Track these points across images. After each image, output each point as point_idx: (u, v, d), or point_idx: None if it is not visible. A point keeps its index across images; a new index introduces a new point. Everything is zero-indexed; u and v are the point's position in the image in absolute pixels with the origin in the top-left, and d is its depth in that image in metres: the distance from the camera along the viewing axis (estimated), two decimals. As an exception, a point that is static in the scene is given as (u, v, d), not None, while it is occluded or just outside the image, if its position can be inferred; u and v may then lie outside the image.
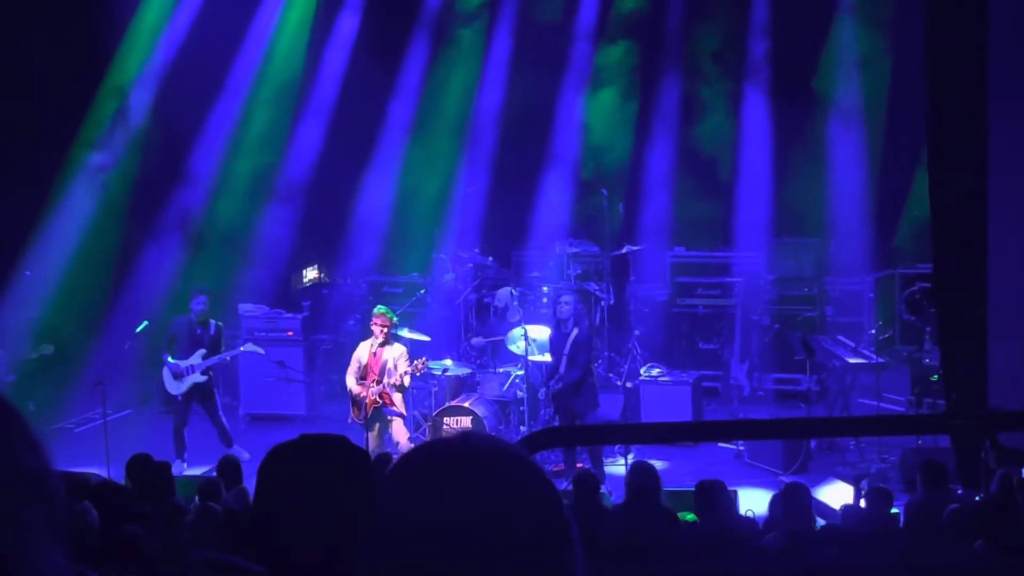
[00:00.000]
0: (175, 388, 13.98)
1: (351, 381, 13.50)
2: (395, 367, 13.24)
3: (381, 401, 13.30)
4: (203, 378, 13.97)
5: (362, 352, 13.51)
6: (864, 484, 10.96)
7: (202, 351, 13.99)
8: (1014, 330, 11.29)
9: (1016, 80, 11.10)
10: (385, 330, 13.33)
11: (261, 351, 14.61)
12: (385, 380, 13.24)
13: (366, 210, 18.68)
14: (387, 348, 13.36)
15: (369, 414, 13.31)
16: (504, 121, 18.90)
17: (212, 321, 14.24)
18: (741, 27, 18.37)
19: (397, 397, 13.35)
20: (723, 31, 18.44)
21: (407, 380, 13.30)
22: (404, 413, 13.51)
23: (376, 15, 18.78)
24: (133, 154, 17.77)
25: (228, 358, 14.53)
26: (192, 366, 13.90)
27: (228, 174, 18.26)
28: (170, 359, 14.00)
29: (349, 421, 13.64)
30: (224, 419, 14.26)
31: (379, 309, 13.56)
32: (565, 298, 13.76)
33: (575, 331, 13.48)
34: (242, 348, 14.37)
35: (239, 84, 18.32)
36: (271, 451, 2.81)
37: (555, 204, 18.48)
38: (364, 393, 13.29)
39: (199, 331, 14.07)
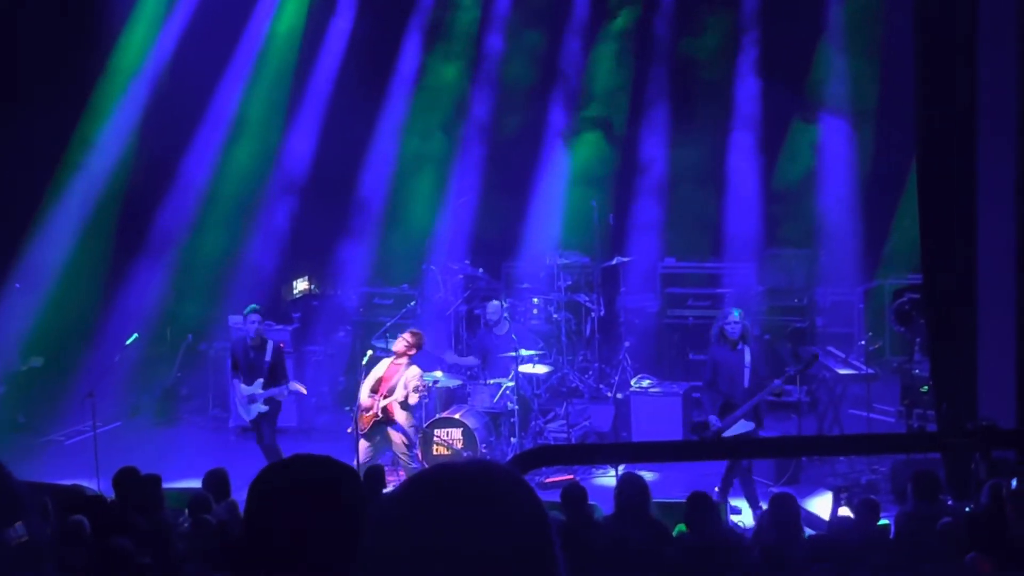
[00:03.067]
0: (245, 415, 13.72)
1: (364, 392, 13.58)
2: (405, 386, 13.33)
3: (383, 415, 13.35)
4: (265, 408, 13.58)
5: (382, 367, 13.66)
6: (844, 495, 10.95)
7: (260, 380, 13.59)
8: (1004, 340, 11.30)
9: (1005, 93, 11.13)
10: (411, 349, 13.57)
11: (304, 390, 14.37)
12: (393, 396, 13.32)
13: (357, 220, 18.67)
14: (406, 368, 13.53)
15: (369, 427, 13.35)
16: (494, 132, 18.90)
17: (270, 343, 13.80)
18: (732, 39, 18.39)
19: (402, 416, 13.41)
20: (713, 44, 18.44)
21: (413, 398, 13.36)
22: (408, 433, 13.52)
23: (365, 31, 18.78)
24: (123, 166, 17.76)
25: (284, 394, 13.82)
26: (255, 395, 13.59)
27: (219, 185, 18.25)
28: (241, 385, 13.68)
29: (348, 431, 13.62)
30: (280, 448, 13.63)
31: (416, 331, 13.85)
32: (734, 316, 12.72)
33: (747, 350, 12.61)
34: (290, 386, 13.87)
35: (229, 95, 18.31)
36: (263, 471, 2.82)
37: (545, 216, 18.47)
38: (371, 405, 13.37)
39: (253, 355, 13.66)
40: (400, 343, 13.64)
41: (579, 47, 18.97)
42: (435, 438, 13.73)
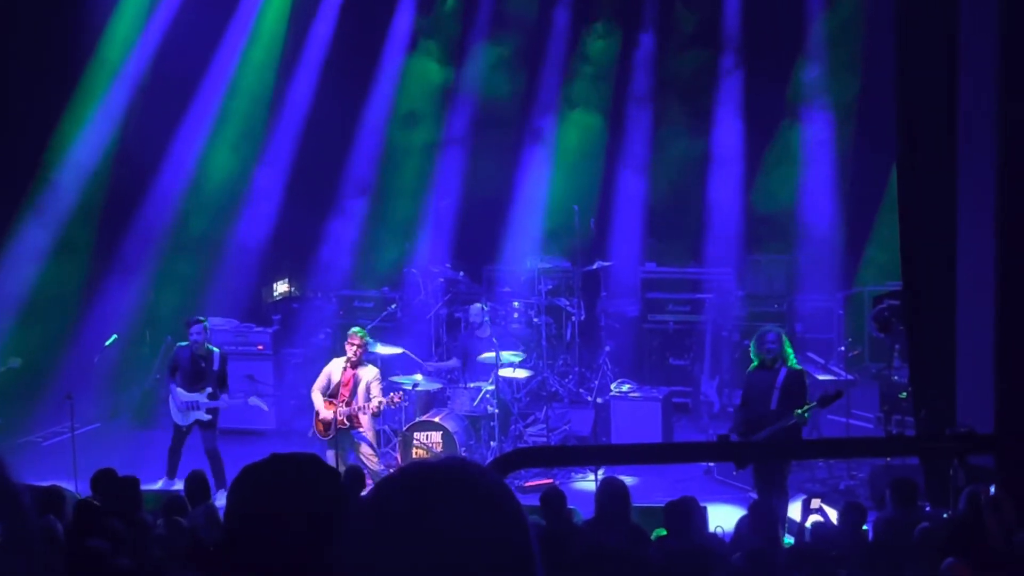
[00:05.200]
0: (180, 419, 13.68)
1: (317, 397, 13.41)
2: (367, 390, 13.20)
3: (349, 424, 13.24)
4: (207, 417, 13.61)
5: (335, 369, 13.44)
6: (813, 503, 10.96)
7: (208, 390, 13.57)
8: (982, 347, 11.33)
9: (985, 99, 11.17)
10: (359, 351, 13.31)
11: (265, 407, 14.27)
12: (355, 403, 13.18)
13: (337, 223, 18.65)
14: (361, 369, 13.34)
15: (335, 434, 13.25)
16: (475, 137, 18.91)
17: (216, 352, 13.77)
18: (713, 44, 18.44)
19: (366, 420, 13.29)
20: (695, 50, 18.50)
21: (379, 408, 13.26)
22: (373, 442, 13.44)
23: (349, 31, 18.77)
24: (105, 164, 17.70)
25: (229, 405, 13.85)
26: (197, 403, 13.58)
27: (199, 186, 18.20)
28: (179, 391, 13.64)
29: (310, 435, 13.55)
30: (220, 453, 13.62)
31: (354, 330, 13.53)
32: (772, 336, 11.97)
33: (784, 372, 11.82)
34: (249, 400, 13.92)
35: (210, 96, 18.27)
36: (242, 471, 2.81)
37: (526, 219, 18.48)
38: (332, 412, 13.22)
39: (203, 364, 13.63)
40: (350, 350, 13.36)
41: (563, 52, 19.01)
42: (415, 441, 13.71)
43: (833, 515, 10.76)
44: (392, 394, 13.30)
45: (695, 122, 18.44)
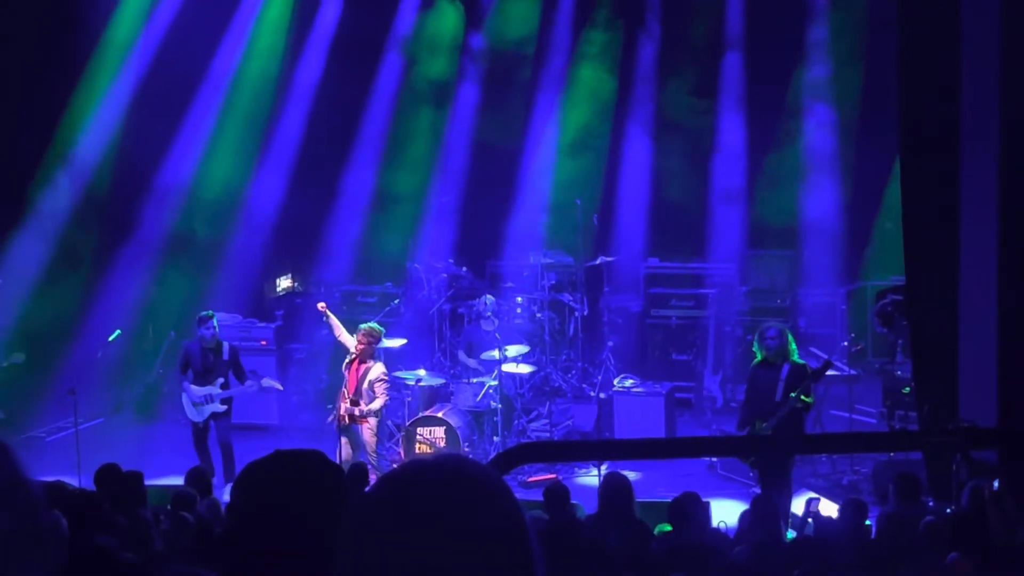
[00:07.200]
0: (194, 415, 13.56)
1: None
2: (371, 389, 13.19)
3: (349, 419, 13.24)
4: (222, 408, 13.50)
5: (346, 364, 13.49)
6: (811, 501, 10.96)
7: (221, 380, 13.49)
8: (985, 342, 11.34)
9: (987, 96, 11.17)
10: (362, 347, 13.28)
11: (279, 386, 14.27)
12: (362, 404, 13.17)
13: (340, 219, 18.64)
14: (368, 366, 13.32)
15: (341, 425, 13.28)
16: (478, 131, 18.90)
17: (225, 344, 13.69)
18: (716, 38, 18.44)
19: (373, 420, 13.29)
20: (699, 44, 18.49)
21: (379, 402, 13.24)
22: (371, 440, 13.38)
23: (353, 21, 18.75)
24: (108, 159, 17.71)
25: (254, 389, 13.74)
26: (212, 395, 13.49)
27: (202, 181, 18.20)
28: (192, 386, 13.53)
29: (329, 420, 13.62)
30: (232, 447, 13.53)
31: (368, 326, 13.48)
32: (772, 332, 12.06)
33: (786, 367, 11.94)
34: (263, 383, 13.74)
35: (213, 91, 18.25)
36: (245, 468, 2.82)
37: (529, 215, 18.48)
38: (340, 403, 13.27)
39: (212, 358, 13.53)
40: (355, 345, 13.35)
41: (566, 45, 19.01)
42: (418, 436, 13.72)
43: (833, 511, 10.76)
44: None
45: (698, 117, 18.42)
